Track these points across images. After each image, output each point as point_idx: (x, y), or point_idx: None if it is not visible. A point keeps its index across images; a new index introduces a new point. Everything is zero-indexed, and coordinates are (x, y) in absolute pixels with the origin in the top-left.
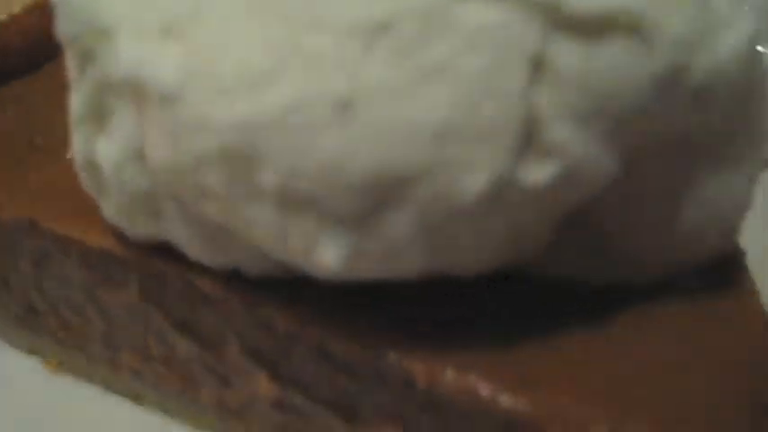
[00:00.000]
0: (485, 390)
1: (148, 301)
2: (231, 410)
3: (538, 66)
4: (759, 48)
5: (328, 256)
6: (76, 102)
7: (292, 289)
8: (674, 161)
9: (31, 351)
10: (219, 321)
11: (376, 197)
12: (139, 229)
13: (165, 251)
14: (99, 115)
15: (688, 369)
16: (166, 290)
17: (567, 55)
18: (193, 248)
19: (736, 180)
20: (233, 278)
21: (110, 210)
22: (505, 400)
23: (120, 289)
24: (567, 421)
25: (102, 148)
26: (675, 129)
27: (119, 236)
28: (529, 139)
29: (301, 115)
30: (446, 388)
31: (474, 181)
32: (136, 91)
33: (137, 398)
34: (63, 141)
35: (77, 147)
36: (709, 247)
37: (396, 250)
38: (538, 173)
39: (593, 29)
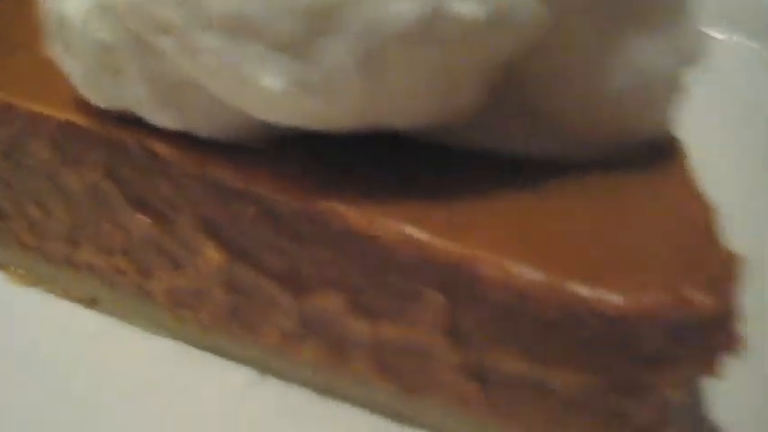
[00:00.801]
0: (421, 235)
1: (108, 177)
2: (184, 303)
3: None
4: None
5: (272, 81)
6: None
7: (241, 151)
8: (601, 18)
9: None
10: (173, 189)
11: (314, 23)
12: (103, 92)
13: (126, 122)
14: None
15: (619, 225)
16: (125, 161)
17: None
18: (150, 109)
19: (662, 50)
20: (187, 144)
21: (76, 71)
22: (443, 247)
23: (83, 167)
24: (502, 263)
25: (72, 3)
26: None
27: (84, 111)
28: None
29: None
30: (384, 235)
31: (407, 6)
32: None
33: (93, 302)
34: (34, 34)
35: (50, 4)
36: (637, 121)
37: (334, 81)
38: (471, 5)
39: None
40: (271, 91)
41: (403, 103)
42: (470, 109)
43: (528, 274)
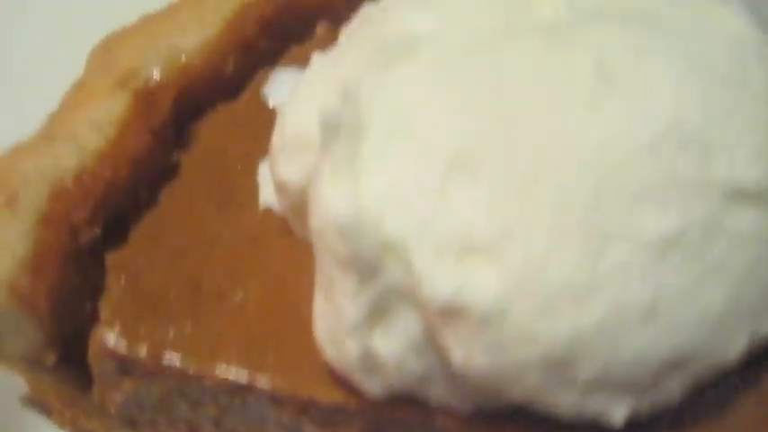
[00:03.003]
0: None
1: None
2: None
3: None
4: None
5: (616, 418)
6: (355, 308)
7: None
8: None
9: None
10: None
11: (663, 374)
12: (395, 393)
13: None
14: (379, 317)
15: None
16: (397, 428)
17: None
18: (446, 401)
19: None
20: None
21: (375, 388)
22: None
23: (340, 428)
24: None
25: (383, 344)
26: None
27: (346, 387)
28: None
29: (616, 322)
30: None
31: (738, 347)
32: (449, 311)
33: None
34: (225, 281)
35: (352, 347)
36: None
37: (667, 402)
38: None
39: None
40: (613, 423)
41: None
42: None
43: None
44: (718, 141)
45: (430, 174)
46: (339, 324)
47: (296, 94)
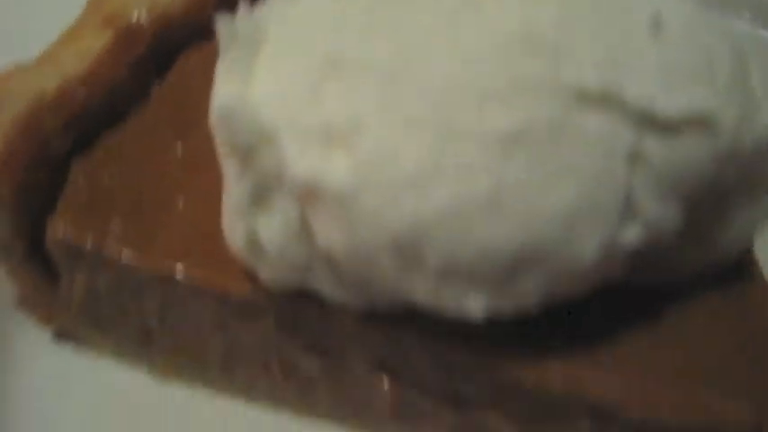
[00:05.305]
0: (577, 381)
1: (281, 331)
2: (346, 406)
3: (634, 158)
4: None
5: (473, 308)
6: (238, 192)
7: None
8: (718, 203)
9: (138, 361)
10: (350, 342)
11: (516, 267)
12: (287, 284)
13: (303, 293)
14: (260, 202)
15: (716, 345)
16: (302, 323)
17: (655, 147)
18: (337, 296)
19: (758, 209)
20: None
21: (265, 273)
22: (593, 387)
23: (254, 322)
24: (645, 401)
25: (265, 229)
26: (722, 184)
27: (258, 282)
28: (626, 213)
29: (459, 211)
30: (551, 386)
31: (591, 248)
32: (308, 190)
33: (249, 398)
34: (171, 189)
35: (239, 228)
36: (734, 255)
37: (523, 299)
38: (631, 235)
39: (674, 128)
40: (471, 314)
41: (568, 295)
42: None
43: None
44: (568, 48)
45: (306, 75)
46: (229, 209)
47: None
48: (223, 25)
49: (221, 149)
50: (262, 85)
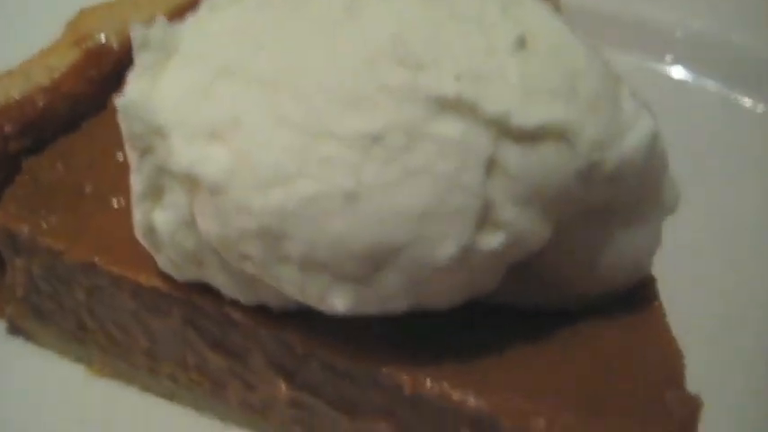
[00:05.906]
0: (456, 394)
1: (188, 326)
2: (254, 408)
3: (491, 165)
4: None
5: (338, 302)
6: (137, 182)
7: (306, 317)
8: (594, 224)
9: (78, 359)
10: (248, 342)
11: (374, 262)
12: (186, 275)
13: (204, 288)
14: (155, 193)
15: (607, 370)
16: (204, 319)
17: (512, 156)
18: (229, 290)
19: (643, 232)
20: (259, 310)
21: (163, 261)
22: (471, 401)
23: (165, 316)
24: (516, 415)
25: (159, 218)
26: (594, 202)
27: (165, 276)
28: (485, 218)
29: (319, 204)
30: (426, 393)
31: (446, 249)
32: (189, 181)
33: (172, 397)
34: (109, 190)
35: (138, 216)
36: (623, 281)
37: (388, 298)
38: (491, 241)
39: (530, 137)
40: (336, 308)
41: (440, 299)
42: (490, 288)
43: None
44: (433, 61)
45: (201, 81)
46: (132, 198)
47: None
48: (137, 33)
49: (125, 143)
50: (164, 88)
